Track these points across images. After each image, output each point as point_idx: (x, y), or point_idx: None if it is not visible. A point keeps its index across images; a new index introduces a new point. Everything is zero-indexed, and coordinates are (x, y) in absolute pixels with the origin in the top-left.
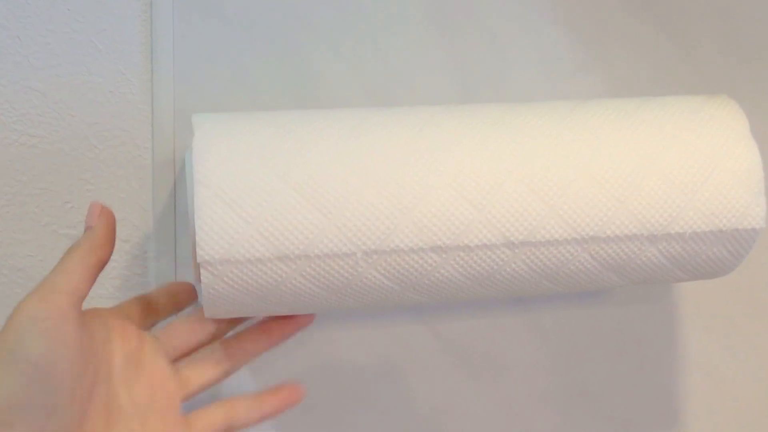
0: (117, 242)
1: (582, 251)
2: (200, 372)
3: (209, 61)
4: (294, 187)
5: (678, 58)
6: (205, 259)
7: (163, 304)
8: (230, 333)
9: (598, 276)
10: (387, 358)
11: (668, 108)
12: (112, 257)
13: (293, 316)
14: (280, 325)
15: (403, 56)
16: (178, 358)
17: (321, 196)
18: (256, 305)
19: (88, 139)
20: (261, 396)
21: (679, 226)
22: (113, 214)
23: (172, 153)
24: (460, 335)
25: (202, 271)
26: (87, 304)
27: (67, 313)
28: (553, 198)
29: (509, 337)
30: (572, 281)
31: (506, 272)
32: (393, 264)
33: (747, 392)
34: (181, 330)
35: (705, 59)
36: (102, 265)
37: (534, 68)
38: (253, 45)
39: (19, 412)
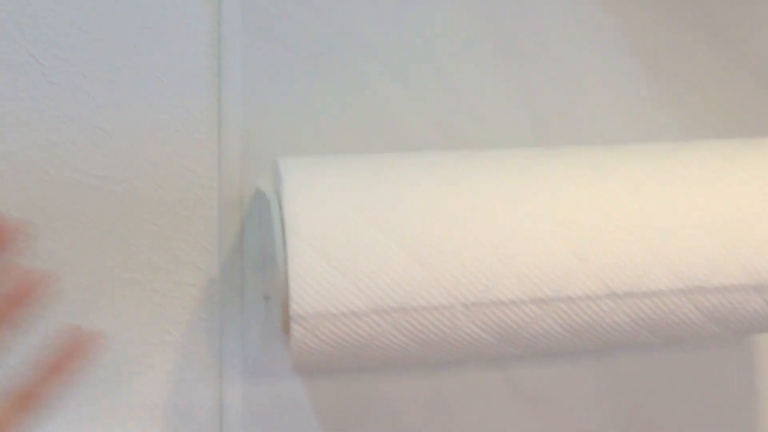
0: (182, 286)
1: (687, 302)
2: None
3: (278, 97)
4: (391, 236)
5: (757, 94)
6: (299, 313)
7: None
8: None
9: (700, 327)
10: (456, 403)
11: None
12: (177, 302)
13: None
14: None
15: (472, 87)
16: None
17: (419, 245)
18: (345, 360)
19: (152, 179)
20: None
21: None
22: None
23: (239, 193)
24: (531, 380)
25: (293, 325)
26: (152, 350)
27: None
28: (659, 246)
29: (580, 382)
30: (672, 332)
31: (607, 324)
32: (492, 317)
33: None
34: None
35: None
36: None
37: (606, 101)
38: (322, 79)
39: None
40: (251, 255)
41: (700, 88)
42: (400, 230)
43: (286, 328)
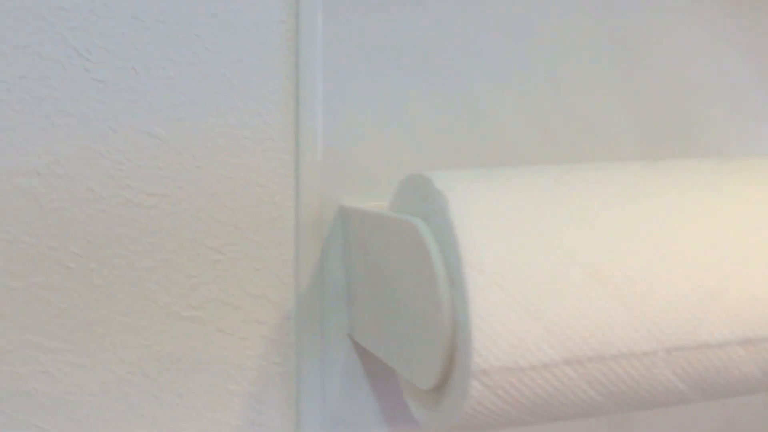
0: (252, 325)
1: None
2: None
3: (363, 103)
4: (586, 269)
5: None
6: (483, 367)
7: None
8: None
9: None
10: None
11: None
12: (246, 344)
13: None
14: None
15: (581, 92)
16: None
17: (620, 281)
18: (517, 419)
19: (217, 197)
20: None
21: None
22: None
23: (320, 212)
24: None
25: (472, 382)
26: (217, 401)
27: None
28: None
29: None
30: None
31: None
32: (693, 362)
33: None
34: None
35: None
36: None
37: (721, 108)
38: (412, 84)
39: None
40: (333, 287)
41: None
42: (596, 263)
43: (440, 381)
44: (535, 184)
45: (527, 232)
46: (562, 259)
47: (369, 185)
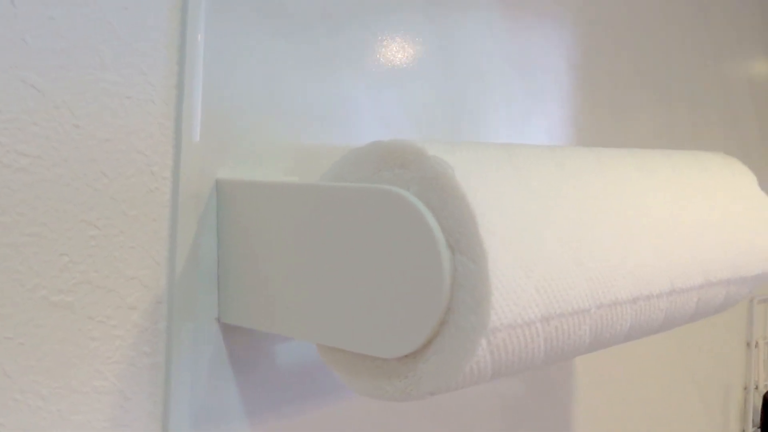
0: (124, 310)
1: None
2: None
3: (249, 63)
4: (557, 234)
5: None
6: (495, 325)
7: None
8: None
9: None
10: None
11: None
12: (115, 333)
13: None
14: None
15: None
16: None
17: (577, 245)
18: (485, 378)
19: (95, 163)
20: None
21: None
22: None
23: (198, 186)
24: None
25: (482, 340)
26: (81, 401)
27: None
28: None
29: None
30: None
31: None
32: (604, 317)
33: None
34: None
35: None
36: None
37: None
38: (295, 53)
39: None
40: (205, 267)
41: None
42: (564, 230)
43: (422, 346)
44: (498, 156)
45: (513, 200)
46: (540, 225)
47: (250, 158)
